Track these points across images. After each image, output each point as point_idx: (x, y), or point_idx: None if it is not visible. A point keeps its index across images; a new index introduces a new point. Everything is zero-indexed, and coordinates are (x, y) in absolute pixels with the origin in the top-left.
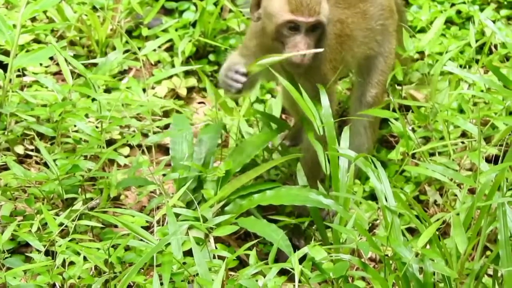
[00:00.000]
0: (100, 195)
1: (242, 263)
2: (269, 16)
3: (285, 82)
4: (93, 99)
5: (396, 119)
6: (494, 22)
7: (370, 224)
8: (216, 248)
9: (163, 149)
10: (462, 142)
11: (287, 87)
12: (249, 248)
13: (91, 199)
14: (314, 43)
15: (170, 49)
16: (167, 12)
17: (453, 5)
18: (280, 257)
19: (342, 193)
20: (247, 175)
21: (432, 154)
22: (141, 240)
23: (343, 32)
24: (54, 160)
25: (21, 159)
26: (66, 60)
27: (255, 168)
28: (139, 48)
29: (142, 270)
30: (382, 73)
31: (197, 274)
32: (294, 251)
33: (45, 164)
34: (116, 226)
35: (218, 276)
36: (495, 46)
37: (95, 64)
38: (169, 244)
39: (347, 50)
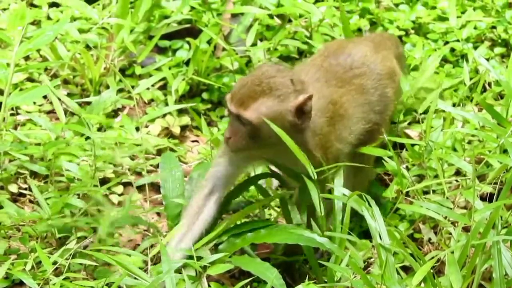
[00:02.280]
0: (93, 234)
1: None
2: None
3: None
4: (87, 138)
5: (390, 157)
6: (488, 60)
7: (365, 263)
8: (209, 287)
9: (156, 187)
10: (456, 180)
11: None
12: (243, 287)
13: (85, 237)
14: (245, 135)
15: (164, 87)
16: (161, 50)
17: (446, 43)
18: None
19: (337, 233)
20: (240, 213)
21: (426, 192)
22: (135, 278)
23: (336, 113)
24: (47, 199)
25: (15, 198)
26: (59, 99)
27: (249, 206)
28: (132, 87)
29: None
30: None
31: None
32: None
33: (39, 203)
34: (109, 264)
35: None
36: (489, 84)
37: (88, 103)
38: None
39: (342, 129)
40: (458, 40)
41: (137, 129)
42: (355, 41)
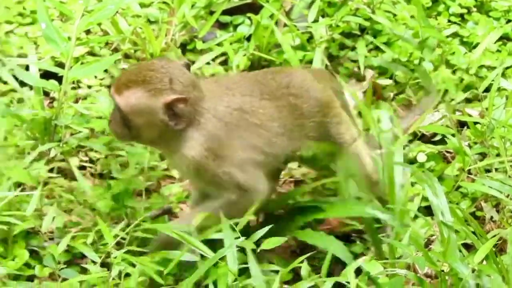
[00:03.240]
0: (157, 207)
1: (297, 278)
2: None
3: None
4: None
5: (453, 135)
6: None
7: (426, 240)
8: (271, 263)
9: None
10: None
11: None
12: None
13: (149, 209)
14: (119, 121)
15: (225, 63)
16: (222, 26)
17: (509, 21)
18: (335, 271)
19: (399, 207)
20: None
21: (488, 171)
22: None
23: (245, 122)
24: (109, 173)
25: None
26: None
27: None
28: (193, 62)
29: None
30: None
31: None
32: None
33: (100, 175)
34: None
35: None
36: None
37: None
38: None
39: (254, 138)
40: None
41: None
42: (297, 68)
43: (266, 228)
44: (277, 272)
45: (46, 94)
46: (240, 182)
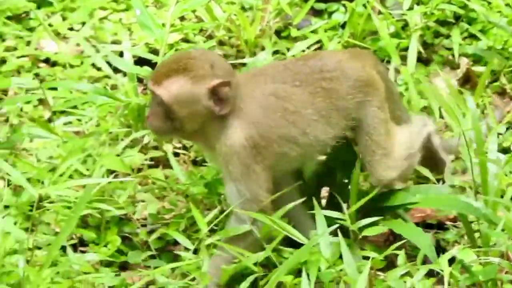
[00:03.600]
0: None
1: (389, 265)
2: None
3: None
4: None
5: None
6: None
7: None
8: (364, 249)
9: None
10: None
11: None
12: (397, 249)
13: None
14: (161, 114)
15: (319, 50)
16: (316, 13)
17: None
18: (428, 259)
19: (492, 197)
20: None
21: None
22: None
23: (281, 108)
24: (203, 160)
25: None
26: None
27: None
28: (288, 49)
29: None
30: (375, 149)
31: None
32: (438, 256)
33: (194, 162)
34: None
35: (364, 273)
36: None
37: (244, 64)
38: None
39: (290, 127)
40: None
41: None
42: (333, 51)
43: (368, 220)
44: (368, 258)
45: (140, 80)
46: (260, 194)
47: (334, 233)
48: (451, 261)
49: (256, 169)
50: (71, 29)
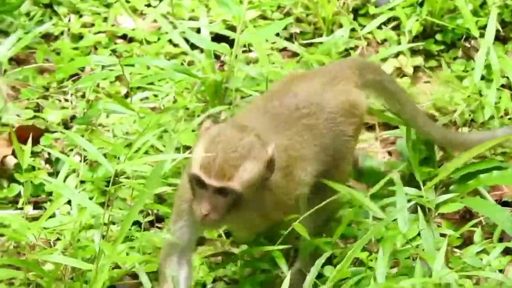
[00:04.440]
0: None
1: (465, 242)
2: (191, 160)
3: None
4: None
5: None
6: None
7: None
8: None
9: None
10: None
11: None
12: (474, 226)
13: None
14: (226, 205)
15: (397, 27)
16: None
17: None
18: (504, 237)
19: None
20: (470, 152)
21: None
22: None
23: (290, 159)
24: None
25: None
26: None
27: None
28: (363, 26)
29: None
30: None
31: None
32: None
33: None
34: None
35: (441, 250)
36: None
37: (321, 42)
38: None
39: (299, 173)
40: None
41: None
42: (305, 76)
43: (445, 197)
44: (444, 236)
45: (217, 57)
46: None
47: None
48: None
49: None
50: (148, 5)
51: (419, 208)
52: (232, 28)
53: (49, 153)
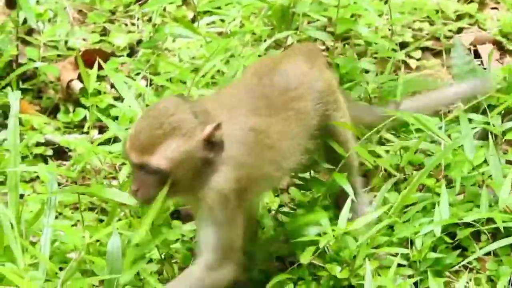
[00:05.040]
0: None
1: None
2: None
3: None
4: (386, 1)
5: None
6: None
7: None
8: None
9: None
10: None
11: None
12: None
13: None
14: (155, 183)
15: None
16: None
17: None
18: None
19: None
20: None
21: None
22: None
23: (260, 144)
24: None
25: None
26: None
27: None
28: None
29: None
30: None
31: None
32: None
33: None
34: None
35: (508, 177)
36: None
37: None
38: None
39: (270, 162)
40: None
41: None
42: (286, 55)
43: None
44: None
45: None
46: (235, 239)
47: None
48: None
49: (238, 215)
50: None
51: (489, 135)
52: None
53: None
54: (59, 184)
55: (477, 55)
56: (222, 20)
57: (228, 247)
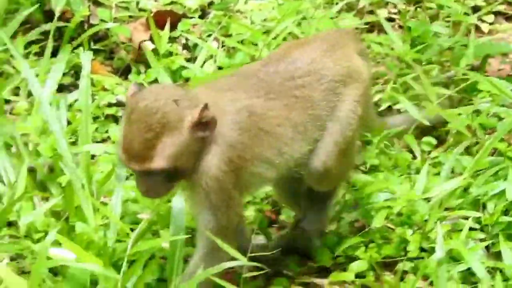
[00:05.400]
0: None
1: None
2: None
3: None
4: None
5: None
6: None
7: None
8: None
9: None
10: None
11: None
12: None
13: None
14: (162, 181)
15: None
16: None
17: None
18: None
19: None
20: None
21: None
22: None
23: (255, 127)
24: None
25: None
26: None
27: None
28: None
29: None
30: (336, 143)
31: None
32: None
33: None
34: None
35: None
36: None
37: None
38: None
39: (265, 148)
40: None
41: None
42: (304, 43)
43: None
44: None
45: None
46: (231, 221)
47: None
48: None
49: (235, 194)
50: None
51: None
52: None
53: (186, 39)
54: None
55: None
56: None
57: (225, 228)
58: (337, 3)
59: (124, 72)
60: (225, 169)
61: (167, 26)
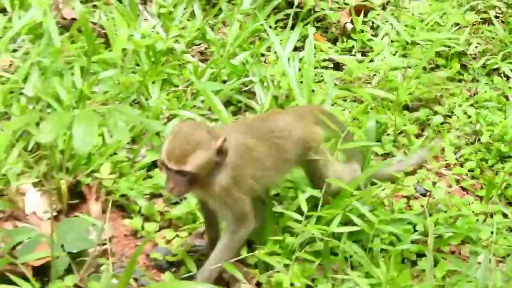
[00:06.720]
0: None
1: None
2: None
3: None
4: None
5: None
6: None
7: None
8: None
9: None
10: None
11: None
12: None
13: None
14: (186, 182)
15: None
16: None
17: None
18: None
19: None
20: None
21: None
22: None
23: (249, 155)
24: None
25: None
26: None
27: None
28: None
29: None
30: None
31: None
32: None
33: None
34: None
35: None
36: None
37: None
38: None
39: (255, 170)
40: None
41: None
42: (283, 111)
43: None
44: None
45: None
46: (246, 209)
47: None
48: None
49: (242, 196)
50: None
51: None
52: None
53: (372, 22)
54: None
55: None
56: None
57: (241, 214)
58: (464, 5)
59: (334, 41)
60: (231, 181)
61: (362, 14)
